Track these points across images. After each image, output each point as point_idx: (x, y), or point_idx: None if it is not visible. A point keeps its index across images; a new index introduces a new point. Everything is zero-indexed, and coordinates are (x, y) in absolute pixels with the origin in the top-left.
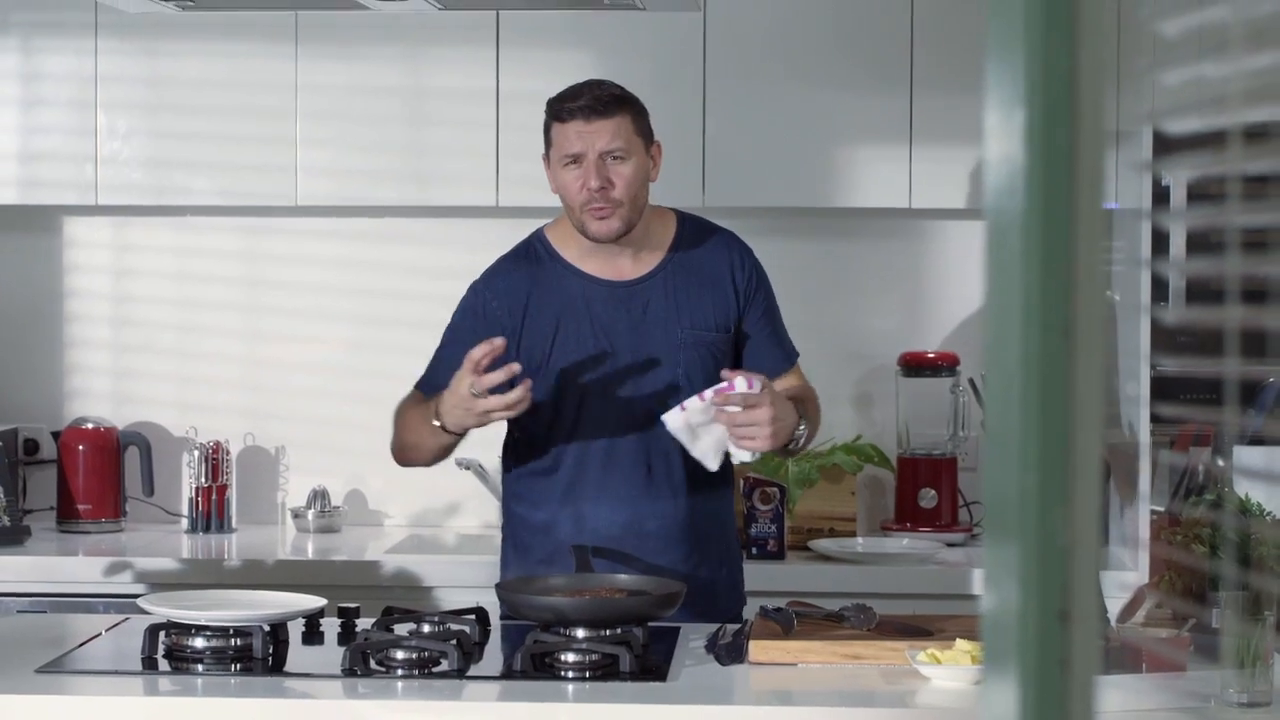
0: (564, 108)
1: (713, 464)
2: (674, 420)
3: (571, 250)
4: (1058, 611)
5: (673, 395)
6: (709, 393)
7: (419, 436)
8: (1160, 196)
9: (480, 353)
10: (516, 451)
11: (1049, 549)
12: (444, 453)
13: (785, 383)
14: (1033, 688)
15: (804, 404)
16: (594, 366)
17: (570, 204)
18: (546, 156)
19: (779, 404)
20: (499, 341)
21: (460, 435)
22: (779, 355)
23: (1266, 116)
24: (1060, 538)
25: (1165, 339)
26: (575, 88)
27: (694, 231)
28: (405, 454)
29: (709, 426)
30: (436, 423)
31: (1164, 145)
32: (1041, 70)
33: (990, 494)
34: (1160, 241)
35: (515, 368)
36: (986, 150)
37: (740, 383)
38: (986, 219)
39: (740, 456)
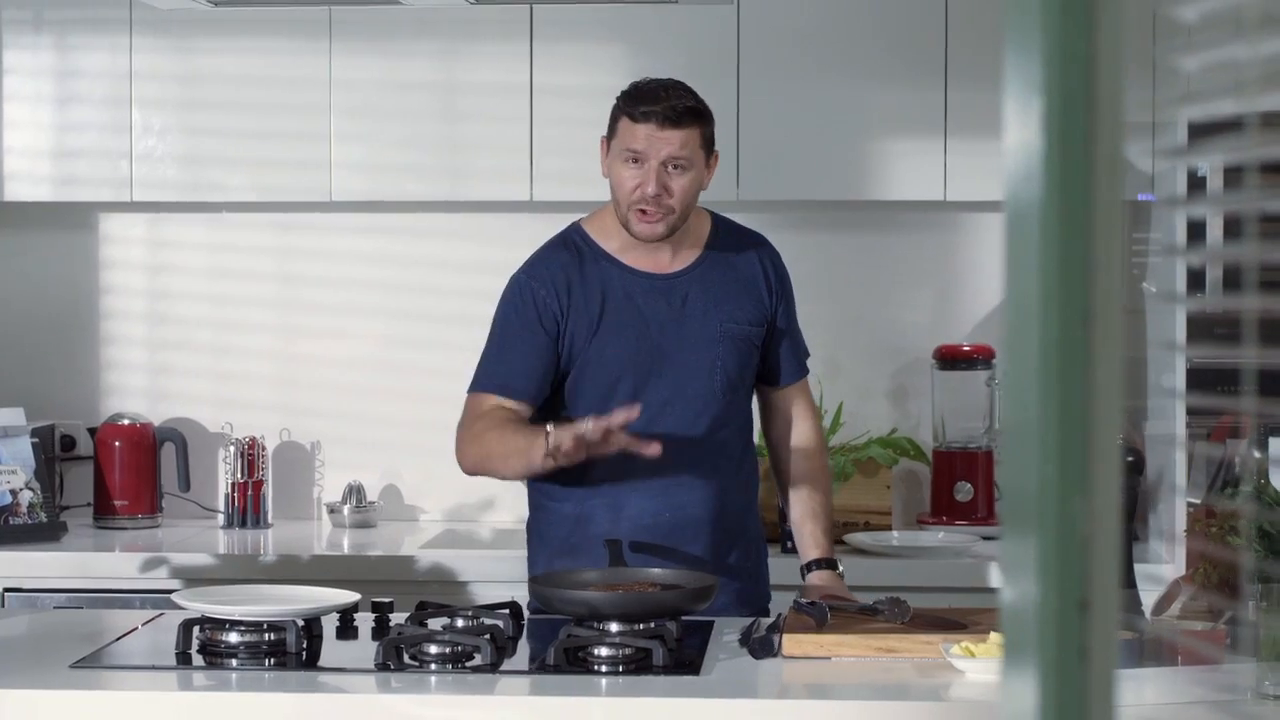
0: (638, 109)
1: None
2: None
3: (612, 243)
4: (1078, 601)
5: (709, 386)
6: None
7: (512, 457)
8: (1198, 185)
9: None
10: None
11: (1069, 538)
12: (534, 475)
13: (800, 402)
14: (1053, 677)
15: (828, 512)
16: (636, 357)
17: (619, 198)
18: (607, 142)
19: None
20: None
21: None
22: (795, 364)
23: None
24: (1080, 527)
25: (1201, 330)
26: (653, 89)
27: (727, 232)
28: (486, 465)
29: None
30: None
31: (1199, 133)
32: (1059, 57)
33: (1009, 483)
34: (1198, 232)
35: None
36: (1005, 138)
37: None
38: (1005, 207)
39: None
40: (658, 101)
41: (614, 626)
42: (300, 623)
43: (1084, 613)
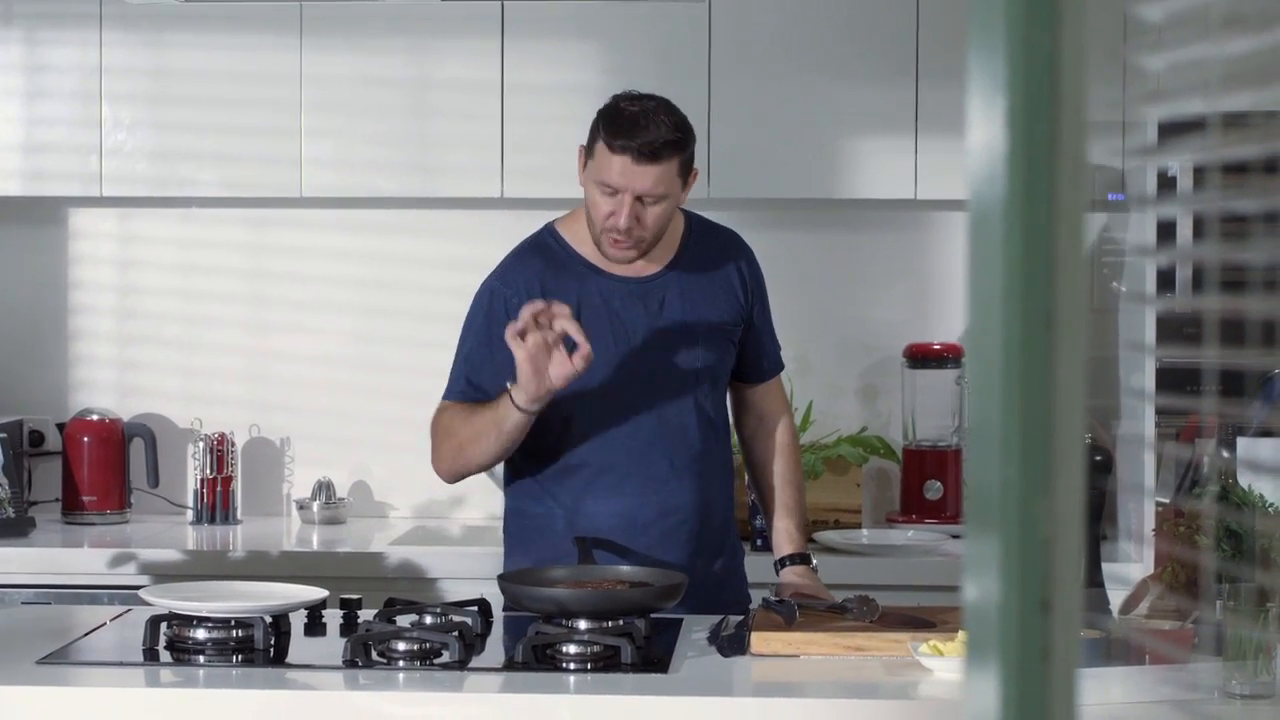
0: (616, 142)
1: None
2: None
3: (587, 246)
4: (1039, 601)
5: (691, 388)
6: None
7: (483, 433)
8: (1169, 185)
9: (533, 309)
10: (529, 446)
11: (1030, 539)
12: (509, 445)
13: (775, 398)
14: (1014, 678)
15: (801, 492)
16: (617, 361)
17: (593, 218)
18: (584, 153)
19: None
20: (548, 307)
21: (532, 415)
22: (771, 360)
23: (1250, 102)
24: (1042, 528)
25: (1171, 330)
26: (634, 119)
27: (701, 230)
28: (462, 457)
29: None
30: (511, 399)
31: (1169, 133)
32: (1022, 57)
33: (973, 484)
34: (1168, 232)
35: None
36: (969, 137)
37: None
38: (968, 207)
39: None
40: (635, 135)
41: (582, 624)
42: (268, 619)
43: (1046, 613)
